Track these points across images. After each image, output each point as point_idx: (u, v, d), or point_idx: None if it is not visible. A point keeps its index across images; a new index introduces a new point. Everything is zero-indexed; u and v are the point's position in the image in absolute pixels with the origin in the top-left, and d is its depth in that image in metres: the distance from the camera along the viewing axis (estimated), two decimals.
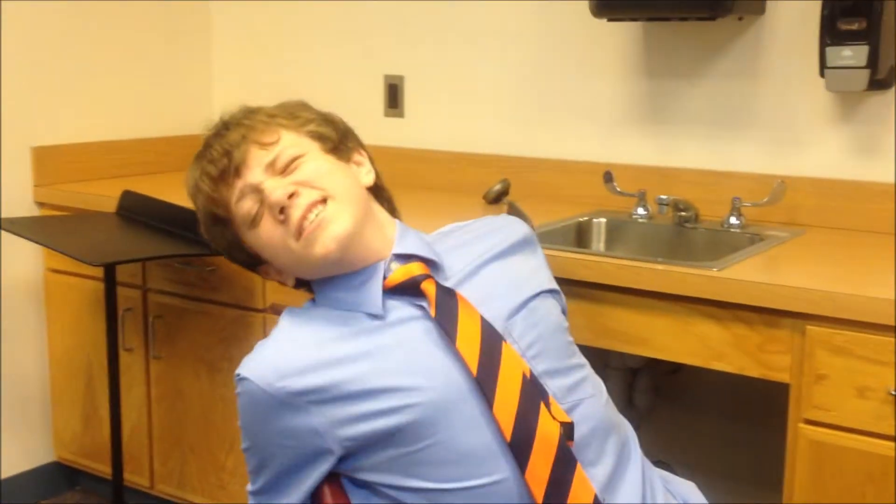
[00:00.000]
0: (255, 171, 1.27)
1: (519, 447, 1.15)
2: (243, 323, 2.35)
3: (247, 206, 1.27)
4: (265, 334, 2.29)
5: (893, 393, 1.57)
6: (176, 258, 2.35)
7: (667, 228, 2.20)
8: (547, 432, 1.16)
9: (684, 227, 2.17)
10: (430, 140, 2.69)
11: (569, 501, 1.15)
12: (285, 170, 1.27)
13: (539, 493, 1.15)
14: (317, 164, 1.29)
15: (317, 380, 1.19)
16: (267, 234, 1.26)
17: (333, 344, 1.22)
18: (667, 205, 2.19)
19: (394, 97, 2.73)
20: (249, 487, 1.28)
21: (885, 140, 2.08)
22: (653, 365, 2.12)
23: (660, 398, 2.29)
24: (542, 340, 1.26)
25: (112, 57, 2.84)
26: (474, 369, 1.18)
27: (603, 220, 2.26)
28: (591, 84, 2.44)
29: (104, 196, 2.51)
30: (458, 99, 2.65)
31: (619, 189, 2.26)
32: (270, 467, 1.24)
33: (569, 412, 1.21)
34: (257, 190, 1.26)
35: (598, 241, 2.25)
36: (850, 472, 1.63)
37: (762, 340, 1.71)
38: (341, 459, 1.21)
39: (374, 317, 1.24)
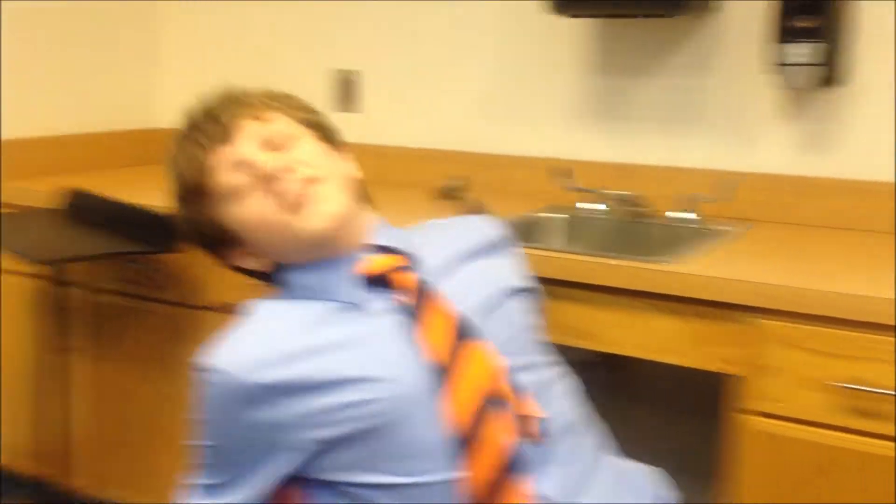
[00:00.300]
0: (248, 144, 1.23)
1: (465, 448, 1.13)
2: (191, 322, 2.30)
3: (235, 177, 1.22)
4: (214, 333, 2.26)
5: (844, 385, 1.57)
6: (122, 256, 2.29)
7: (622, 224, 2.19)
8: (496, 437, 1.14)
9: (639, 223, 2.17)
10: (387, 136, 2.66)
11: None
12: (279, 148, 1.24)
13: (479, 496, 1.13)
14: (312, 146, 1.26)
15: (290, 371, 1.15)
16: (254, 208, 1.21)
17: (307, 334, 1.19)
18: (622, 200, 2.18)
19: (349, 93, 2.70)
20: (200, 481, 1.23)
21: (835, 137, 2.10)
22: (606, 360, 2.11)
23: (613, 393, 2.28)
24: (514, 338, 1.25)
25: (56, 51, 2.78)
26: (439, 365, 1.16)
27: (559, 215, 2.25)
28: (547, 80, 2.43)
29: (48, 193, 2.45)
30: (416, 95, 2.63)
31: (574, 185, 2.25)
32: (231, 463, 1.19)
33: (539, 409, 1.20)
34: (249, 163, 1.22)
35: (555, 237, 2.24)
36: (801, 463, 1.63)
37: (715, 333, 1.71)
38: (307, 460, 1.17)
39: (349, 306, 1.21)
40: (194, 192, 1.25)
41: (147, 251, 2.15)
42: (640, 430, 2.04)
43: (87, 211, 2.28)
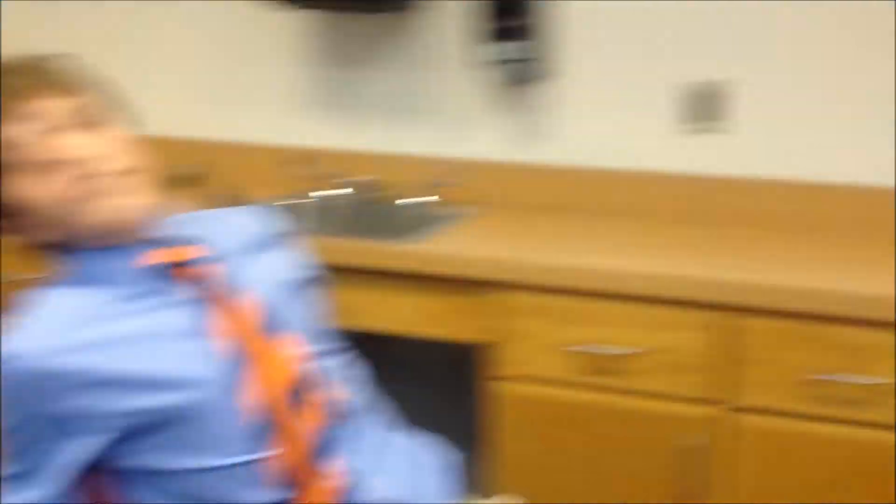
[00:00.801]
0: (52, 115, 1.16)
1: (270, 437, 1.18)
2: None
3: (33, 150, 1.15)
4: None
5: (582, 348, 1.80)
6: None
7: (360, 209, 2.30)
8: (301, 425, 1.20)
9: (376, 208, 2.29)
10: None
11: (310, 494, 1.19)
12: (86, 126, 1.17)
13: (284, 481, 1.18)
14: (121, 132, 1.21)
15: (80, 361, 1.13)
16: (54, 189, 1.15)
17: (99, 324, 1.16)
18: (358, 187, 2.27)
19: None
20: (5, 471, 1.18)
21: (542, 126, 2.32)
22: (355, 339, 2.20)
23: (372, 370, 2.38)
24: (307, 326, 1.29)
25: None
26: (236, 359, 1.18)
27: (290, 202, 2.29)
28: (275, 70, 2.46)
29: None
30: (138, 79, 2.54)
31: (311, 172, 2.30)
32: (30, 451, 1.16)
33: (339, 393, 1.26)
34: (52, 135, 1.15)
35: (297, 224, 2.27)
36: (549, 419, 1.85)
37: (463, 307, 1.89)
38: (106, 448, 1.16)
39: (141, 297, 1.19)
40: None
41: None
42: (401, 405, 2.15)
43: None
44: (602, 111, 2.25)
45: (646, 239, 2.05)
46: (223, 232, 1.32)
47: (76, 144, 1.16)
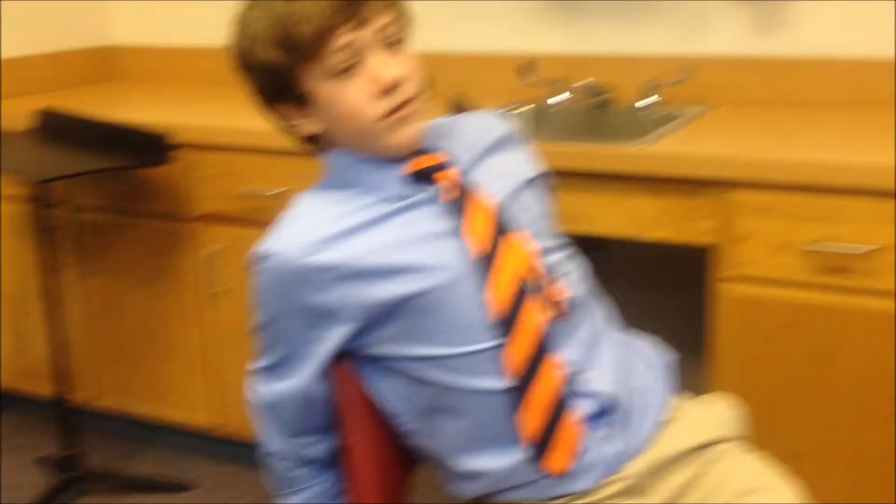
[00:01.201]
0: (370, 31, 1.23)
1: (505, 331, 1.25)
2: (175, 234, 2.36)
3: (346, 58, 1.22)
4: (196, 244, 2.33)
5: (814, 246, 1.73)
6: (107, 172, 2.31)
7: (588, 113, 2.29)
8: (532, 318, 1.25)
9: (604, 110, 2.27)
10: None
11: (538, 383, 1.25)
12: (390, 45, 1.25)
13: (515, 370, 1.25)
14: (414, 56, 1.29)
15: (340, 256, 1.23)
16: (358, 100, 1.24)
17: (355, 224, 1.26)
18: (586, 90, 2.27)
19: None
20: (259, 364, 1.33)
21: (785, 15, 2.20)
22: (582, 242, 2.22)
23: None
24: (535, 224, 1.35)
25: None
26: (482, 255, 1.26)
27: (523, 109, 2.32)
28: None
29: (12, 115, 2.45)
30: None
31: (534, 78, 2.32)
32: (286, 343, 1.28)
33: (565, 288, 1.31)
34: (366, 51, 1.23)
35: (525, 130, 2.31)
36: (775, 320, 1.80)
37: (691, 208, 1.84)
38: (356, 335, 1.27)
39: (397, 200, 1.28)
40: (302, 48, 1.22)
41: (139, 165, 2.19)
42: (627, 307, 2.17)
43: (63, 130, 2.29)
44: None
45: (885, 131, 1.90)
46: (462, 136, 1.39)
47: (387, 64, 1.23)
